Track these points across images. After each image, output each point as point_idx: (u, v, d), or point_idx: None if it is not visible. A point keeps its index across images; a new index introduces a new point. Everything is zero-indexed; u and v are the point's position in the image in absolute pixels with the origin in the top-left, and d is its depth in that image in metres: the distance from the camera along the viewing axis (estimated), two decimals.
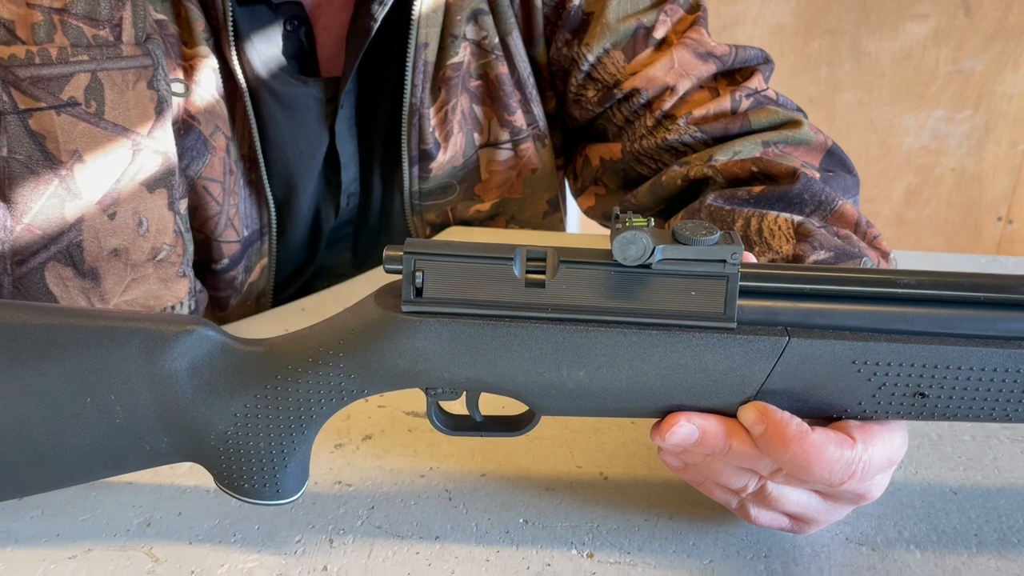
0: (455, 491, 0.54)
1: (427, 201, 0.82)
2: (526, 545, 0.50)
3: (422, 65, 0.76)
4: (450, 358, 0.44)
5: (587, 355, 0.44)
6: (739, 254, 0.42)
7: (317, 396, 0.46)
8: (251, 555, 0.49)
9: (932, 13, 1.78)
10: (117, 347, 0.45)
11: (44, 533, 0.50)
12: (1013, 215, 1.97)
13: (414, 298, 0.44)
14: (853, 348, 0.43)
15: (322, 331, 0.46)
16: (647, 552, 0.49)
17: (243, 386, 0.46)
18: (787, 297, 0.44)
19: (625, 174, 0.80)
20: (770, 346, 0.43)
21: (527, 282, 0.43)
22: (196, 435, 0.47)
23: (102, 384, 0.45)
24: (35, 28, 0.54)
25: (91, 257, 0.57)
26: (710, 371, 0.44)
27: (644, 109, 0.76)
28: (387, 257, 0.44)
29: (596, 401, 0.45)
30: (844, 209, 0.63)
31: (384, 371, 0.45)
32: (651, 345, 0.43)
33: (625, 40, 0.77)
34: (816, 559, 0.49)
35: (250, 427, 0.46)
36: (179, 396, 0.46)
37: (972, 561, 0.49)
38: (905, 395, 0.44)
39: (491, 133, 0.81)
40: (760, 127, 0.73)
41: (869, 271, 0.46)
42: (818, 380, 0.44)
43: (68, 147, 0.55)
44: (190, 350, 0.46)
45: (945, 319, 0.43)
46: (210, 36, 0.69)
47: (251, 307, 0.80)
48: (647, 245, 0.41)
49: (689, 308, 0.43)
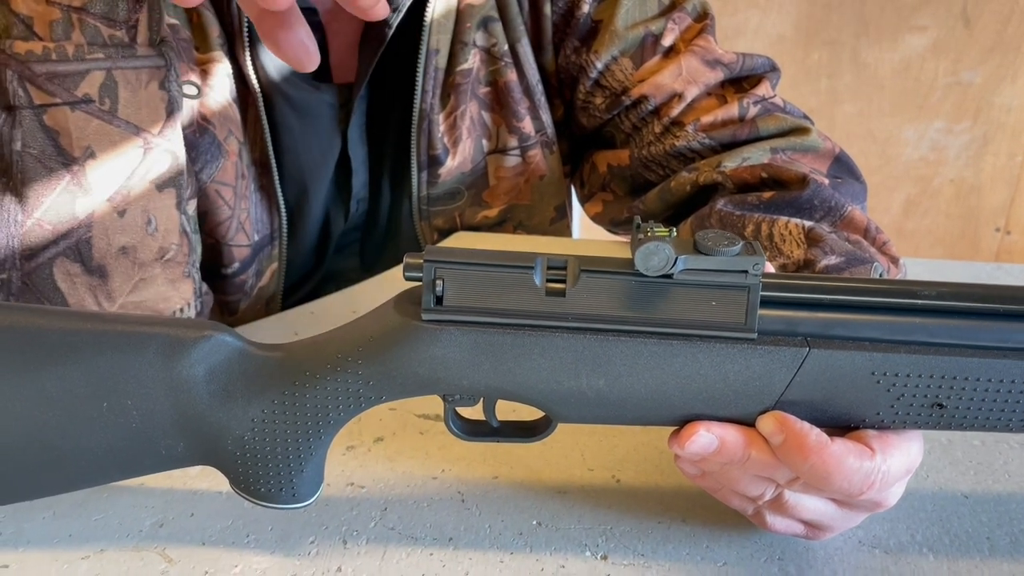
0: (468, 493, 0.53)
1: (435, 207, 0.82)
2: (540, 547, 0.50)
3: (433, 71, 0.76)
4: (469, 366, 0.44)
5: (607, 364, 0.44)
6: (761, 265, 0.42)
7: (335, 402, 0.46)
8: (265, 556, 0.49)
9: (931, 25, 1.79)
10: (135, 352, 0.45)
11: (57, 534, 0.50)
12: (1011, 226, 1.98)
13: (434, 306, 0.44)
14: (873, 359, 0.43)
15: (341, 337, 0.46)
16: (660, 555, 0.49)
17: (261, 392, 0.46)
18: (807, 307, 0.44)
19: (633, 180, 0.80)
20: (790, 356, 0.43)
21: (547, 291, 0.43)
22: (213, 440, 0.47)
23: (119, 389, 0.45)
24: (53, 25, 0.54)
25: (99, 254, 0.57)
26: (730, 381, 0.44)
27: (652, 116, 0.77)
28: (407, 264, 0.43)
29: (615, 410, 0.45)
30: (853, 215, 0.64)
31: (403, 378, 0.45)
32: (671, 355, 0.43)
33: (633, 47, 0.77)
34: (829, 562, 0.49)
35: (267, 432, 0.46)
36: (196, 401, 0.46)
37: (985, 564, 0.49)
38: (923, 406, 0.44)
39: (500, 139, 0.82)
40: (768, 134, 0.73)
41: (889, 282, 0.46)
42: (837, 390, 0.44)
43: (81, 143, 0.55)
44: (208, 356, 0.45)
45: (964, 330, 0.44)
46: (224, 42, 0.69)
47: (261, 311, 0.80)
48: (669, 256, 0.41)
49: (710, 318, 0.43)
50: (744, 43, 1.82)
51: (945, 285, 0.44)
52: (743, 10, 1.80)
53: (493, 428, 0.48)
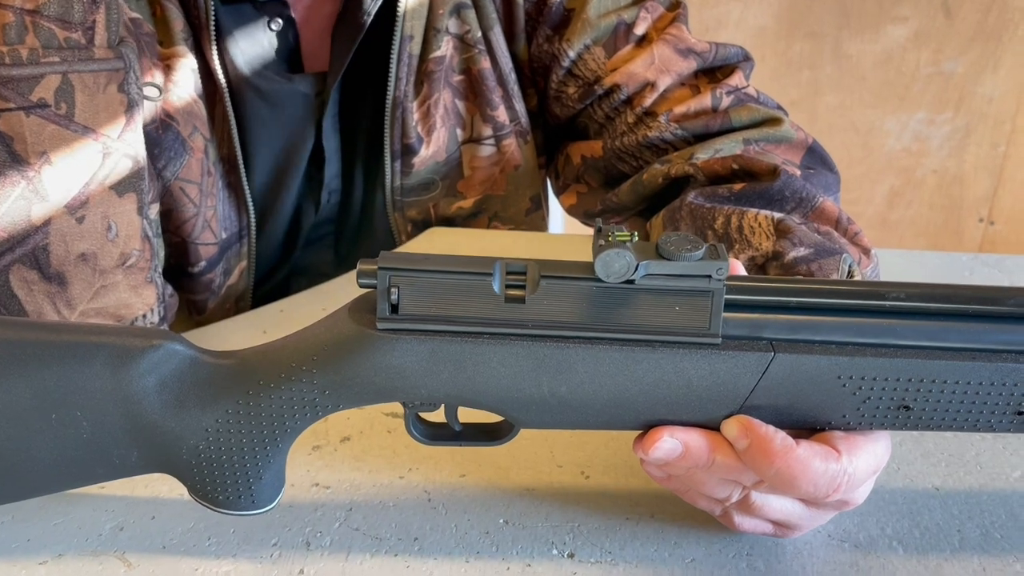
0: (434, 492, 0.53)
1: (409, 198, 0.82)
2: (506, 546, 0.49)
3: (407, 58, 0.76)
4: (428, 375, 0.43)
5: (569, 372, 0.43)
6: (724, 269, 0.41)
7: (291, 411, 0.45)
8: (226, 560, 0.48)
9: (912, 16, 1.79)
10: (81, 364, 0.44)
11: (15, 538, 0.49)
12: (994, 216, 1.98)
13: (389, 315, 0.43)
14: (839, 363, 0.43)
15: (295, 346, 0.45)
16: (628, 552, 0.49)
17: (214, 401, 0.45)
18: (773, 310, 0.43)
19: (606, 172, 0.80)
20: (755, 361, 0.43)
21: (507, 298, 0.42)
22: (167, 449, 0.46)
23: (67, 400, 0.44)
24: (6, 29, 0.53)
25: (57, 261, 0.56)
26: (694, 386, 0.43)
27: (624, 105, 0.76)
28: (361, 271, 0.42)
29: (578, 416, 0.44)
30: (825, 206, 0.63)
31: (360, 387, 0.44)
32: (634, 362, 0.43)
33: (606, 36, 0.77)
34: (799, 557, 0.48)
35: (223, 441, 0.45)
36: (148, 412, 0.45)
37: (954, 558, 0.49)
38: (890, 408, 0.44)
39: (474, 129, 0.81)
40: (741, 124, 0.73)
41: (857, 283, 0.45)
42: (803, 394, 0.43)
43: (36, 149, 0.54)
44: (158, 365, 0.44)
45: (932, 331, 0.43)
46: (189, 35, 0.68)
47: (231, 309, 0.79)
48: (630, 262, 0.40)
49: (673, 323, 0.42)
50: (726, 35, 1.81)
51: (914, 286, 0.43)
52: (724, 2, 1.80)
53: (455, 432, 0.47)
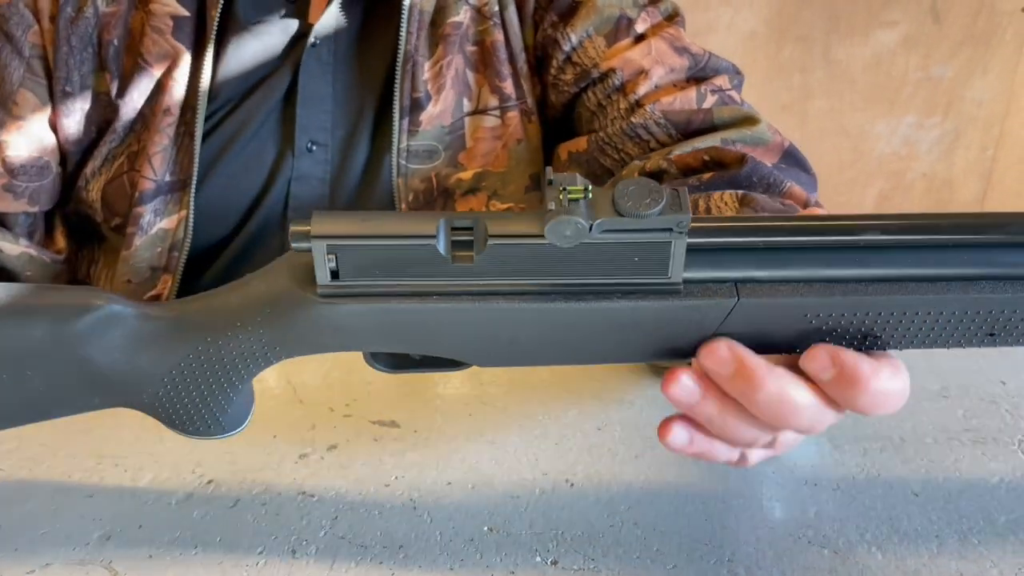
0: (420, 500, 0.53)
1: (413, 164, 0.83)
2: (490, 554, 0.50)
3: (417, 13, 0.79)
4: (376, 335, 0.43)
5: (523, 326, 0.42)
6: (686, 222, 0.39)
7: (244, 360, 0.45)
8: (212, 567, 0.48)
9: (901, 20, 1.80)
10: (21, 328, 0.44)
11: (1, 548, 0.49)
12: None
13: (330, 281, 0.41)
14: (805, 303, 0.42)
15: (239, 303, 0.44)
16: (611, 558, 0.49)
17: (164, 356, 0.45)
18: (737, 252, 0.42)
19: (589, 166, 0.82)
20: (718, 307, 0.41)
21: (454, 258, 0.40)
22: (128, 396, 0.46)
23: (16, 362, 0.45)
24: None
25: None
26: (654, 335, 0.42)
27: (618, 92, 0.79)
28: (293, 233, 0.39)
29: (533, 358, 0.44)
30: (793, 190, 0.65)
31: (310, 344, 0.43)
32: (592, 312, 0.41)
33: (608, 26, 0.80)
34: (779, 562, 0.49)
35: (181, 388, 0.46)
36: (100, 368, 0.45)
37: (933, 563, 0.49)
38: (856, 337, 0.43)
39: (481, 100, 0.84)
40: (723, 122, 0.75)
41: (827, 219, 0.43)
42: (768, 330, 0.43)
43: None
44: (100, 327, 0.45)
45: (906, 260, 0.42)
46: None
47: (161, 255, 0.80)
48: (582, 228, 0.38)
49: (631, 275, 0.41)
50: (716, 39, 1.82)
51: (894, 217, 0.41)
52: (715, 7, 1.80)
53: (416, 361, 0.47)
